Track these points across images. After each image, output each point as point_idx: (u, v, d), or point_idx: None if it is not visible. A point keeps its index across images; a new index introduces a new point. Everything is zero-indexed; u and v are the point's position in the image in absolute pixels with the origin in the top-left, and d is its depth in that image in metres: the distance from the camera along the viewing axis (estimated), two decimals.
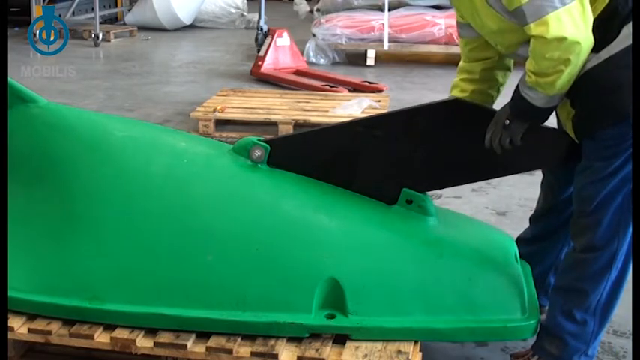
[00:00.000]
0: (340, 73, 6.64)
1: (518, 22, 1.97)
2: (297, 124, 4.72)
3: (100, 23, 8.65)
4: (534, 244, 2.48)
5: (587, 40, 1.92)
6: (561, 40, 1.89)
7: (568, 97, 2.07)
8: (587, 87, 2.00)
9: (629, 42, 1.95)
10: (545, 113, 2.08)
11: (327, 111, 4.94)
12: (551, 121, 2.17)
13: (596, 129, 2.02)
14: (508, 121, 2.10)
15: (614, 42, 1.97)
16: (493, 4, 2.03)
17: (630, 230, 2.07)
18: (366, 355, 1.97)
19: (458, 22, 2.29)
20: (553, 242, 2.43)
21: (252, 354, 1.97)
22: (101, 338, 2.04)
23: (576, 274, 2.15)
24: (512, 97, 2.10)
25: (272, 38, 6.71)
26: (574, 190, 2.15)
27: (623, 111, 1.95)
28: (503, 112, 2.13)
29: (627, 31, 1.96)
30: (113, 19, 10.05)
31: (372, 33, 7.25)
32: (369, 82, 6.18)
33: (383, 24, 7.18)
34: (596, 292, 2.12)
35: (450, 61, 6.81)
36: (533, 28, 1.92)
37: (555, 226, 2.41)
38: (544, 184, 2.48)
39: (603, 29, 1.97)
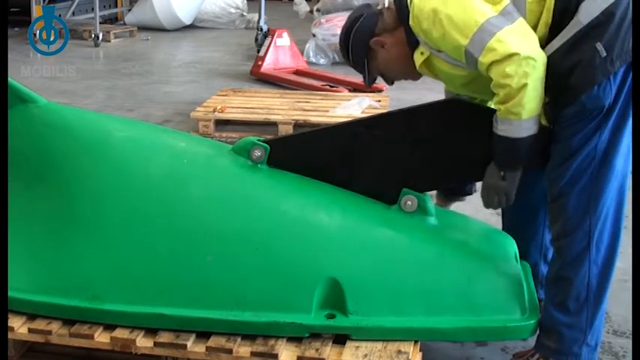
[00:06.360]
0: (340, 73, 6.63)
1: (471, 65, 2.04)
2: (297, 124, 4.72)
3: (100, 23, 8.65)
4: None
5: (537, 53, 1.98)
6: (512, 55, 1.95)
7: None
8: (547, 74, 2.01)
9: (579, 27, 1.97)
10: (528, 146, 2.05)
11: (327, 111, 4.94)
12: None
13: (558, 112, 2.05)
14: (502, 173, 2.12)
15: (565, 30, 2.00)
16: (452, 62, 2.12)
17: (606, 209, 2.06)
18: (366, 355, 1.97)
19: None
20: (531, 217, 2.44)
21: (252, 354, 1.97)
22: (101, 338, 2.04)
23: (559, 263, 2.15)
24: (493, 148, 2.11)
25: (272, 38, 6.70)
26: (545, 176, 2.16)
27: (577, 91, 1.98)
28: (492, 171, 2.14)
29: (576, 19, 1.98)
30: (113, 19, 10.05)
31: None
32: None
33: None
34: (581, 277, 2.10)
35: None
36: (483, 59, 1.98)
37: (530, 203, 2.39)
38: None
39: (556, 23, 2.02)
